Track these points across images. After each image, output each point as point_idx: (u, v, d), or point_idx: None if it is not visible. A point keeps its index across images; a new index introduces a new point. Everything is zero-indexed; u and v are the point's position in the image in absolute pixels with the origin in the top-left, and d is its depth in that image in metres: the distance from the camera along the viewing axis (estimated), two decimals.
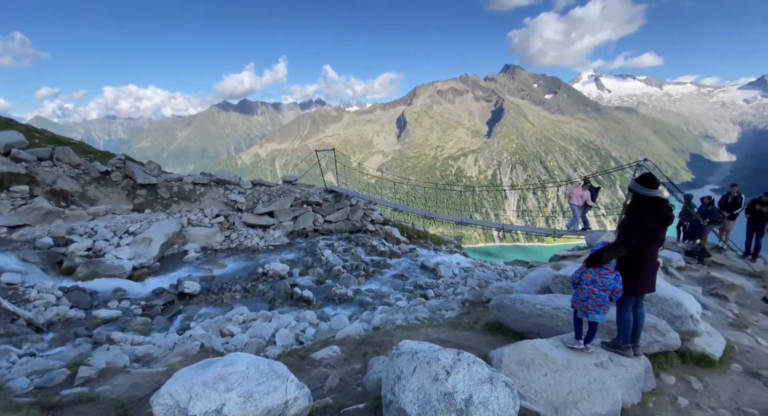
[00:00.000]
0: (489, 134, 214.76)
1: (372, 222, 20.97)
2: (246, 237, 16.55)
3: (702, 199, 10.22)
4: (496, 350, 3.46)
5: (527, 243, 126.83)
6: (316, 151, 20.53)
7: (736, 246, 10.40)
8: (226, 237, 16.42)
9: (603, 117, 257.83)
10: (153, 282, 12.07)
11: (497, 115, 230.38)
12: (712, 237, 10.47)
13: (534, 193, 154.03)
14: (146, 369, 5.50)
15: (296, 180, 21.49)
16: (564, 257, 9.68)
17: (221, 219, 17.09)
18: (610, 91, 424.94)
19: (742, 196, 9.97)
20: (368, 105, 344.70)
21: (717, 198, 10.60)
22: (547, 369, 3.22)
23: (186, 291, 11.16)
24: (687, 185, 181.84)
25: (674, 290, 4.50)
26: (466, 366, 2.30)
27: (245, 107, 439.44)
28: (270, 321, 9.46)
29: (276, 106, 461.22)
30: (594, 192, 12.22)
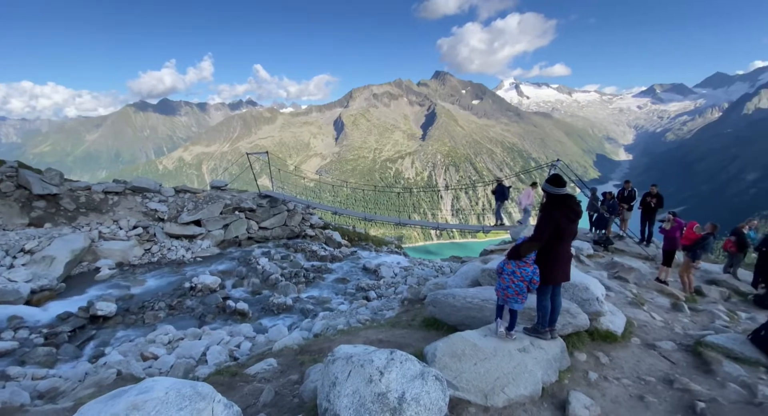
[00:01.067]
0: (423, 137, 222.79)
1: (311, 226, 20.54)
2: (170, 249, 15.22)
3: (604, 194, 11.65)
4: (430, 345, 3.58)
5: (462, 240, 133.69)
6: (247, 154, 19.56)
7: (634, 233, 12.02)
8: (146, 250, 14.95)
9: (523, 121, 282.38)
10: (57, 307, 10.60)
11: (430, 119, 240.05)
12: (615, 228, 11.98)
13: (466, 193, 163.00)
14: (50, 405, 4.81)
15: (226, 185, 20.27)
16: (492, 251, 10.35)
17: (140, 230, 15.52)
18: (528, 98, 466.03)
19: (635, 189, 11.56)
20: (303, 106, 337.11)
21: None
22: (476, 358, 3.40)
23: (99, 313, 9.94)
24: (594, 181, 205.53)
25: (583, 276, 5.05)
26: (398, 364, 2.34)
27: (166, 107, 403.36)
28: (200, 339, 8.81)
29: (202, 106, 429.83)
30: (506, 190, 13.33)
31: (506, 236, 13.73)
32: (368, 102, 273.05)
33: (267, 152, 19.20)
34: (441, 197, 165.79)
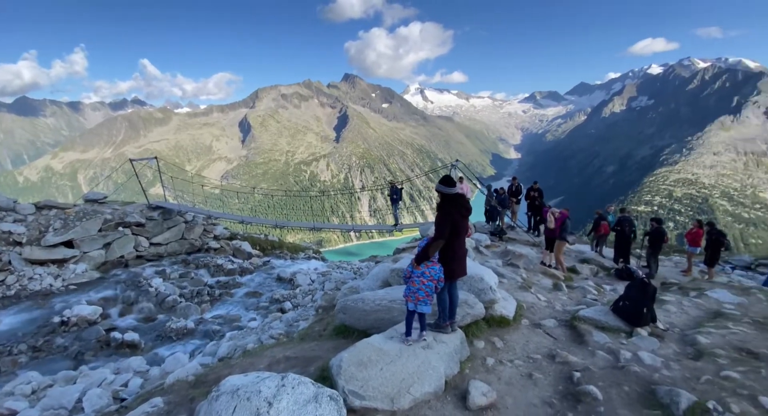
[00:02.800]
0: (337, 139, 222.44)
1: (215, 238, 18.83)
2: (31, 278, 12.56)
3: (496, 190, 12.91)
4: (336, 357, 3.46)
5: (381, 239, 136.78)
6: (131, 160, 17.06)
7: (522, 223, 13.54)
8: None
9: (429, 124, 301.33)
10: None
11: (343, 121, 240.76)
12: (508, 220, 13.33)
13: (382, 193, 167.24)
14: None
15: (105, 197, 17.38)
16: (404, 250, 10.68)
17: None
18: (432, 102, 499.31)
19: (521, 185, 13.05)
20: (203, 106, 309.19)
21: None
22: (382, 363, 3.38)
23: None
24: (491, 178, 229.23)
25: (478, 267, 5.43)
26: (290, 390, 2.16)
27: (25, 107, 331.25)
28: (75, 383, 7.41)
29: (74, 106, 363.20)
30: (398, 192, 14.04)
31: (417, 233, 14.35)
32: (276, 102, 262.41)
33: (156, 157, 17.01)
34: (358, 198, 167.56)
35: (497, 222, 12.73)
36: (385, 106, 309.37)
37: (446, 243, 3.86)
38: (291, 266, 17.81)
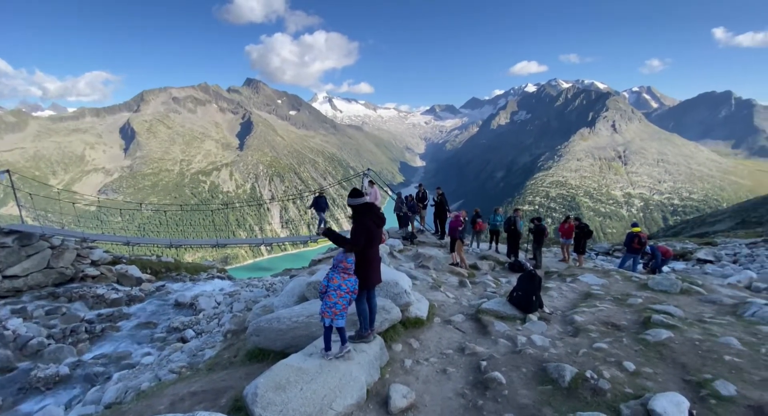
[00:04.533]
0: (241, 147, 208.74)
1: (93, 264, 16.02)
2: None
3: (406, 197, 13.56)
4: (250, 384, 3.24)
5: (295, 250, 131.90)
6: None
7: (431, 227, 14.42)
8: None
9: (339, 133, 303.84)
10: None
11: (246, 127, 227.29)
12: (417, 224, 14.04)
13: (294, 203, 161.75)
14: None
15: None
16: (320, 260, 10.51)
17: None
18: (341, 112, 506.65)
19: (426, 191, 13.94)
20: (72, 109, 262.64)
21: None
22: (302, 382, 3.27)
23: None
24: (401, 184, 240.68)
25: (393, 272, 5.62)
26: None
27: None
28: None
29: None
30: (323, 200, 13.87)
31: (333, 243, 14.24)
32: (167, 106, 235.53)
33: (8, 170, 13.84)
34: (268, 210, 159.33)
35: (408, 227, 13.35)
36: (292, 113, 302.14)
37: (361, 253, 3.91)
38: (191, 289, 16.11)
